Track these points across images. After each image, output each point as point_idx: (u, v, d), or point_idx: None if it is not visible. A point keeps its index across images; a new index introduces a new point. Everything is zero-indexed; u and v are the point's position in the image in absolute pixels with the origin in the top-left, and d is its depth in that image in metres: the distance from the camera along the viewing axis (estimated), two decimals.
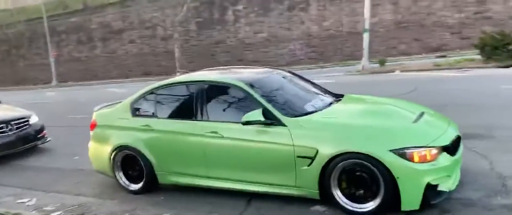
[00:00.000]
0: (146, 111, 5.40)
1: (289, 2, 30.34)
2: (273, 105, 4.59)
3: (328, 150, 4.14)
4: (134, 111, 5.48)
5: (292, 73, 5.78)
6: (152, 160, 5.25)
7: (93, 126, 5.83)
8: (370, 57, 20.64)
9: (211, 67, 6.19)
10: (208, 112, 4.95)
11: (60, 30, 39.15)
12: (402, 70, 17.76)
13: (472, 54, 20.21)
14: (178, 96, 5.30)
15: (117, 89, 23.50)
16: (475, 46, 18.09)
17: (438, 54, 25.28)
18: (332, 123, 4.44)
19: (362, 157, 4.01)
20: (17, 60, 42.62)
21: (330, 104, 5.01)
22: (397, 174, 3.88)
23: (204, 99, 5.01)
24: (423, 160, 3.93)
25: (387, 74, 17.44)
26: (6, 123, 8.03)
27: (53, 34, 38.14)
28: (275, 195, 4.65)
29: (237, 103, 4.90)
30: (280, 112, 4.53)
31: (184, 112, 5.16)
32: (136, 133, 5.34)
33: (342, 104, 5.07)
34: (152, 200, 5.26)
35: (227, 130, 4.75)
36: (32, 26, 40.15)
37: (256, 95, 4.67)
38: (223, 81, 5.02)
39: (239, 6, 32.03)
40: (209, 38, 33.40)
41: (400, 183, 3.89)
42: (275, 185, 4.58)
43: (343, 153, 4.07)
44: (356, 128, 4.27)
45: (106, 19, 36.97)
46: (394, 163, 3.89)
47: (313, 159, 4.23)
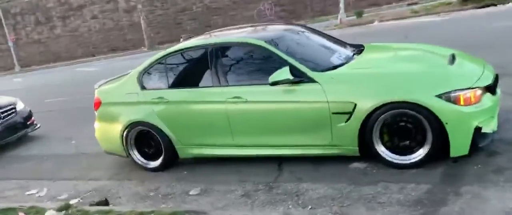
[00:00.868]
0: (157, 82, 5.00)
1: None
2: (299, 62, 4.29)
3: (368, 103, 3.90)
4: (143, 83, 5.07)
5: (305, 27, 5.46)
6: (169, 134, 4.91)
7: (97, 105, 5.39)
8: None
9: (210, 31, 5.78)
10: (227, 77, 4.62)
11: (14, 12, 36.97)
12: (381, 20, 17.64)
13: None
14: (191, 63, 4.93)
15: (87, 68, 22.59)
16: None
17: (409, 2, 25.32)
18: (367, 73, 4.19)
19: (406, 106, 3.80)
20: None
21: (354, 55, 4.76)
22: (445, 120, 3.70)
23: (221, 64, 4.66)
24: (469, 102, 3.76)
25: (367, 25, 17.30)
26: None
27: (7, 17, 36.08)
28: (307, 156, 4.43)
29: (258, 64, 4.58)
30: (308, 68, 4.24)
31: (200, 79, 4.80)
32: (149, 107, 4.97)
33: (368, 54, 4.80)
34: (174, 176, 4.96)
35: (251, 93, 4.44)
36: None
37: (280, 53, 4.35)
38: (241, 41, 4.66)
39: None
40: (174, 6, 32.38)
41: (448, 128, 3.71)
42: (309, 146, 4.35)
43: (386, 104, 3.84)
44: (395, 76, 4.04)
45: None
46: (442, 108, 3.70)
47: (351, 114, 3.99)
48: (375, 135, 4.00)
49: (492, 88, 4.02)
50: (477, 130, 3.77)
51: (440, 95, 3.72)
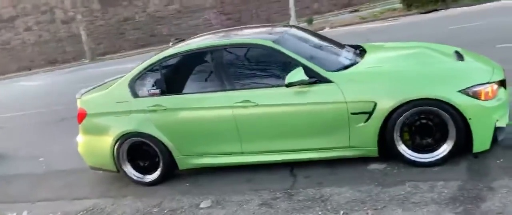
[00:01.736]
0: (152, 88, 4.62)
1: None
2: (312, 62, 4.12)
3: (389, 102, 3.79)
4: (136, 91, 4.68)
5: (299, 28, 5.31)
6: (168, 144, 4.55)
7: (82, 116, 4.90)
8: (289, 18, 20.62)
9: (201, 34, 5.47)
10: (233, 80, 4.35)
11: None
12: (332, 27, 17.95)
13: (385, 5, 21.14)
14: (190, 67, 4.60)
15: (28, 82, 21.17)
16: None
17: (351, 9, 26.07)
18: (384, 71, 4.09)
19: (429, 103, 3.73)
20: None
21: (359, 55, 4.66)
22: (469, 115, 3.67)
23: (225, 66, 4.39)
24: (488, 97, 3.76)
25: (320, 31, 17.49)
26: None
27: None
28: (319, 160, 4.26)
29: (266, 66, 4.36)
30: (322, 68, 4.08)
31: (202, 84, 4.51)
32: (143, 116, 4.58)
33: (374, 53, 4.72)
34: (175, 188, 4.59)
35: (261, 97, 4.21)
36: None
37: (290, 54, 4.17)
38: (247, 42, 4.43)
39: None
40: (116, 16, 31.20)
41: (472, 124, 3.68)
42: (325, 149, 4.18)
43: (407, 102, 3.75)
44: (413, 74, 3.97)
45: None
46: (465, 103, 3.67)
47: (370, 113, 3.87)
48: (396, 134, 3.90)
49: (504, 82, 4.06)
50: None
51: (462, 91, 3.69)
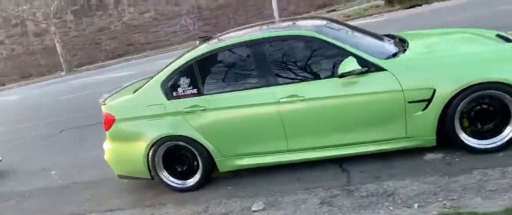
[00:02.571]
0: (188, 89, 4.34)
1: None
2: (361, 50, 3.95)
3: (449, 87, 3.64)
4: (169, 92, 4.40)
5: (332, 20, 5.11)
6: (208, 146, 4.29)
7: (110, 122, 4.57)
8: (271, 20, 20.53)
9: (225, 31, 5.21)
10: (276, 74, 4.13)
11: None
12: None
13: (361, 3, 21.37)
14: (229, 63, 4.34)
15: (4, 97, 20.35)
16: None
17: (328, 9, 26.24)
18: (439, 56, 3.95)
19: (491, 86, 3.60)
20: None
21: (400, 43, 4.51)
22: None
23: (267, 61, 4.16)
24: None
25: None
26: None
27: None
28: (371, 153, 4.07)
29: (311, 58, 4.15)
30: (373, 57, 3.91)
31: (242, 81, 4.25)
32: (180, 118, 4.31)
33: (418, 40, 4.56)
34: (218, 192, 4.33)
35: (308, 90, 4.00)
36: None
37: (338, 43, 3.98)
38: (289, 34, 4.20)
39: None
40: (90, 27, 30.45)
41: None
42: (379, 142, 3.99)
43: (470, 86, 3.60)
44: (468, 57, 3.82)
45: None
46: None
47: (429, 101, 3.71)
48: (457, 121, 3.75)
49: None
50: None
51: None
